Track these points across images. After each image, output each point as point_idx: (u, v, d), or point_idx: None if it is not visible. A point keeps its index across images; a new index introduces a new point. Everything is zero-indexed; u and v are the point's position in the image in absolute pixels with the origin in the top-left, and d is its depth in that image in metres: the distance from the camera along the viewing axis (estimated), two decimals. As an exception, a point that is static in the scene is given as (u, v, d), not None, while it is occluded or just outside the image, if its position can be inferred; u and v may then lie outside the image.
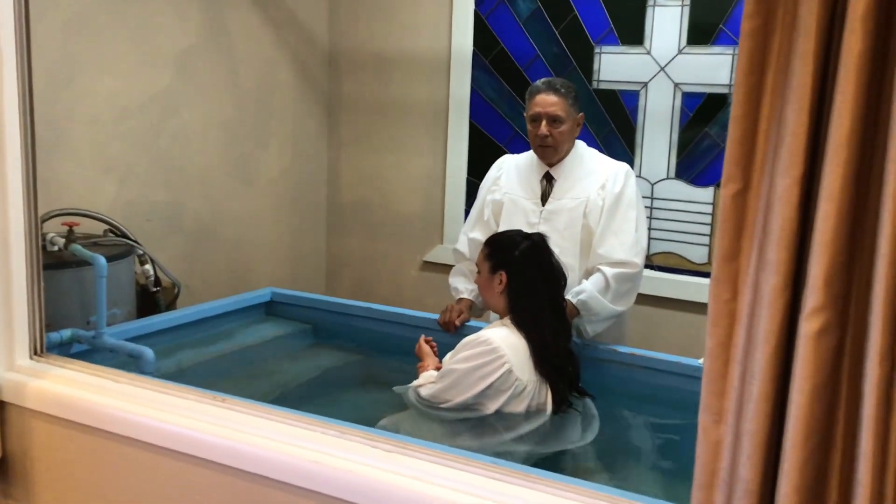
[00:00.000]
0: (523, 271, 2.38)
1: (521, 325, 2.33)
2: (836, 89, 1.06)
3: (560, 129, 2.76)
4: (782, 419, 1.16)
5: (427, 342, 2.61)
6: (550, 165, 2.85)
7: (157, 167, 3.48)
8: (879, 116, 1.06)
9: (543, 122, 2.75)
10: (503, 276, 2.38)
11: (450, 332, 2.81)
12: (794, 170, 1.09)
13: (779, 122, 1.12)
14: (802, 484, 1.10)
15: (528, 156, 2.94)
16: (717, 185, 3.54)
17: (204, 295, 3.48)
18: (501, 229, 2.84)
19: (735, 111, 1.16)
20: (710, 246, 3.59)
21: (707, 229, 3.58)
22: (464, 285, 2.93)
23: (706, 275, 3.60)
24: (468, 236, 2.98)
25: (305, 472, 1.72)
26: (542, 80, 2.83)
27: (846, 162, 1.05)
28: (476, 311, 2.91)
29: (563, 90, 2.76)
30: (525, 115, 2.85)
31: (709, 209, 3.57)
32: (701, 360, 2.60)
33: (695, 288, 3.60)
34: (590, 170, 2.83)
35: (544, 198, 2.85)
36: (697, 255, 3.62)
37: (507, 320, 2.37)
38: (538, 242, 2.43)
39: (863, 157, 1.07)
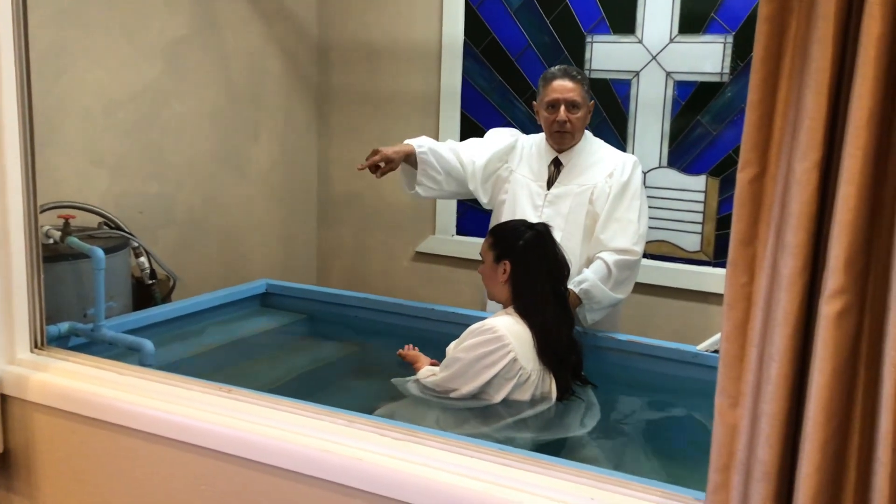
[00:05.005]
0: (527, 261, 2.38)
1: (525, 314, 2.34)
2: (856, 73, 1.06)
3: (578, 114, 2.81)
4: (800, 401, 1.17)
5: (407, 348, 2.68)
6: (561, 151, 2.87)
7: (149, 159, 3.46)
8: (898, 99, 1.07)
9: (562, 108, 2.78)
10: (507, 265, 2.38)
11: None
12: (812, 153, 1.10)
13: (796, 106, 1.13)
14: (823, 464, 1.11)
15: (538, 140, 2.96)
16: (710, 174, 3.56)
17: (196, 287, 3.46)
18: (508, 207, 2.90)
19: (752, 96, 1.17)
20: (702, 234, 3.61)
21: (699, 217, 3.60)
22: (424, 140, 2.92)
23: (699, 262, 3.62)
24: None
25: (315, 461, 1.73)
26: (556, 67, 2.87)
27: (866, 144, 1.06)
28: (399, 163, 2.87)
29: (578, 77, 2.82)
30: (538, 101, 2.87)
31: (701, 197, 3.59)
32: (699, 347, 2.62)
33: (687, 276, 3.62)
34: (598, 158, 2.87)
35: (550, 182, 2.87)
36: (690, 242, 3.64)
37: (510, 309, 2.37)
38: (542, 232, 2.43)
39: (881, 140, 1.08)
